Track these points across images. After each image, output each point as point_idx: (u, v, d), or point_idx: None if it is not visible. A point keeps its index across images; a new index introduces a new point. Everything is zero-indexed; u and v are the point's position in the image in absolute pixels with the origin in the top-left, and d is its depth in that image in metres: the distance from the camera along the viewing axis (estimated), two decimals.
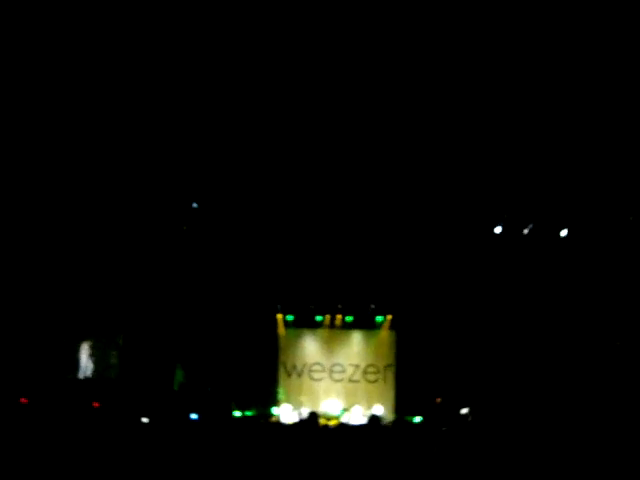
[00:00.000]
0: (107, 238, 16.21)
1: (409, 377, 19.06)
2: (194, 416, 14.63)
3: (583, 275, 15.14)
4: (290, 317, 19.86)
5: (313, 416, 8.77)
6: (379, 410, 17.76)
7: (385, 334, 20.03)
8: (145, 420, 7.85)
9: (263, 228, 16.36)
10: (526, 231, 15.14)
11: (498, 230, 15.33)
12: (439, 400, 17.23)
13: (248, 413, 18.43)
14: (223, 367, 19.60)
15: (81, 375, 18.00)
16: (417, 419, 17.06)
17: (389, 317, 19.75)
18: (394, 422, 14.15)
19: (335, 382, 20.03)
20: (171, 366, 18.47)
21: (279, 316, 19.94)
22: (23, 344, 16.39)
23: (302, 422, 8.93)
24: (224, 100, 12.61)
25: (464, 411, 15.56)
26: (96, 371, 18.18)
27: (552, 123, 12.89)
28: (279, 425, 15.55)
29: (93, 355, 18.28)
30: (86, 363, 18.19)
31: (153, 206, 15.43)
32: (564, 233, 14.46)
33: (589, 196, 13.89)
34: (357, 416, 17.53)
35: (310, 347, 20.35)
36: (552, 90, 11.97)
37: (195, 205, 15.56)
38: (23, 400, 14.87)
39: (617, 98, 11.90)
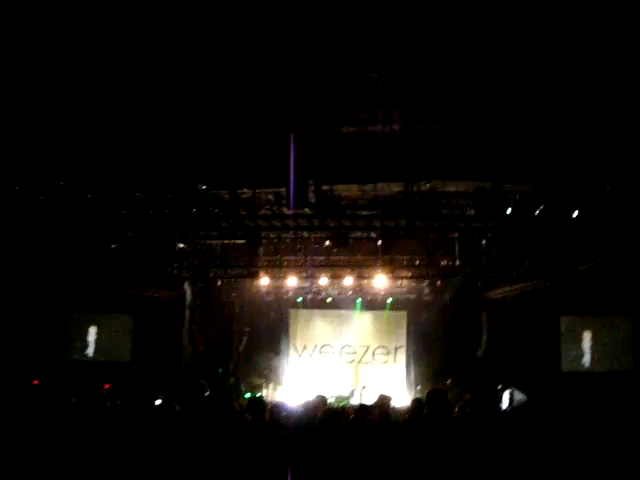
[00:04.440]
0: (116, 219, 16.12)
1: (420, 358, 19.06)
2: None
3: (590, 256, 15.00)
4: (300, 298, 19.84)
5: (321, 399, 8.67)
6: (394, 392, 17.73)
7: (395, 315, 19.98)
8: (158, 402, 7.85)
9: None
10: (537, 212, 14.97)
11: (508, 211, 15.16)
12: (449, 382, 17.20)
13: (258, 394, 18.48)
14: (233, 348, 19.66)
15: (91, 357, 18.06)
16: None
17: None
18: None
19: (345, 363, 20.04)
20: (180, 348, 18.52)
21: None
22: (31, 326, 16.41)
23: (309, 404, 8.81)
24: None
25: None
26: (107, 353, 18.25)
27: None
28: (289, 406, 15.54)
29: (103, 337, 18.34)
30: (96, 345, 18.25)
31: (157, 182, 15.26)
32: (576, 214, 14.29)
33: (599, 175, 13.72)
34: (367, 397, 17.53)
35: (320, 328, 20.34)
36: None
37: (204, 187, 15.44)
38: (35, 382, 14.91)
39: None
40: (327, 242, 17.05)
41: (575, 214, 14.10)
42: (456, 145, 13.03)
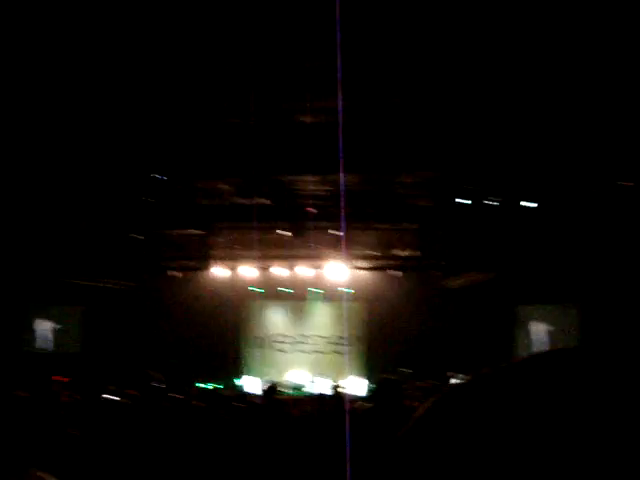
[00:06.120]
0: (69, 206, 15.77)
1: (376, 349, 19.09)
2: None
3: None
4: (257, 290, 19.66)
5: (271, 389, 8.70)
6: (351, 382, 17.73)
7: (352, 306, 19.96)
8: (111, 395, 7.71)
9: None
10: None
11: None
12: (404, 371, 17.26)
13: (212, 386, 18.28)
14: (187, 339, 19.44)
15: (42, 348, 17.70)
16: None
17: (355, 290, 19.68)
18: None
19: (300, 353, 19.98)
20: (133, 339, 18.27)
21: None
22: None
23: (262, 394, 8.82)
24: None
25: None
26: (57, 344, 17.94)
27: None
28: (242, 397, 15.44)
29: (52, 328, 18.03)
30: (45, 336, 17.91)
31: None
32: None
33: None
34: (322, 387, 17.48)
35: (275, 318, 20.23)
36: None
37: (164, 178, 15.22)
38: None
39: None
40: (285, 233, 16.99)
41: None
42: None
